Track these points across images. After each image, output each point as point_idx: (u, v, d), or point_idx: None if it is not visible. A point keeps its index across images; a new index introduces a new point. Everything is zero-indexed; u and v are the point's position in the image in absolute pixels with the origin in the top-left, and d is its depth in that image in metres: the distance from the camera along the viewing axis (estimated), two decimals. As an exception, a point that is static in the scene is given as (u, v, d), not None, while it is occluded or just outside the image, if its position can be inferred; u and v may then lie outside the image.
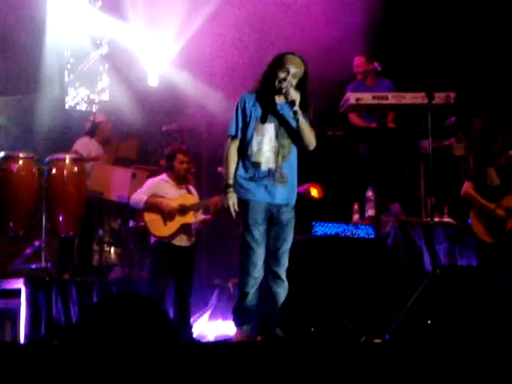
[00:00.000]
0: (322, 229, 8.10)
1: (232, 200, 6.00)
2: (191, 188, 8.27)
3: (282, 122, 6.03)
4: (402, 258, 8.28)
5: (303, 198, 8.86)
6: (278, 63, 6.00)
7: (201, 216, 8.15)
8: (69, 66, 10.72)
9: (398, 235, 8.33)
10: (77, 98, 10.75)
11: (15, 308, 7.61)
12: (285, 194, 6.02)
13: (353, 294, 7.70)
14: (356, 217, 8.67)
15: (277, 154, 5.98)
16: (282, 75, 5.95)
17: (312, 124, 6.13)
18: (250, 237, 5.92)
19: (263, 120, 6.01)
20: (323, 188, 9.15)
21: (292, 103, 5.93)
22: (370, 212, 8.66)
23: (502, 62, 9.94)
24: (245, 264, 5.94)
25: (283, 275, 6.03)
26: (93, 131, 9.36)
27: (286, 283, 6.06)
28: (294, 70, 5.97)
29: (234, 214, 6.00)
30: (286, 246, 6.06)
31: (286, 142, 6.02)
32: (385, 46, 9.91)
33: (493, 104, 9.53)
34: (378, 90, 9.25)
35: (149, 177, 8.78)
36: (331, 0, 9.71)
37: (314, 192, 9.07)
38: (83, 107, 10.79)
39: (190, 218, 7.94)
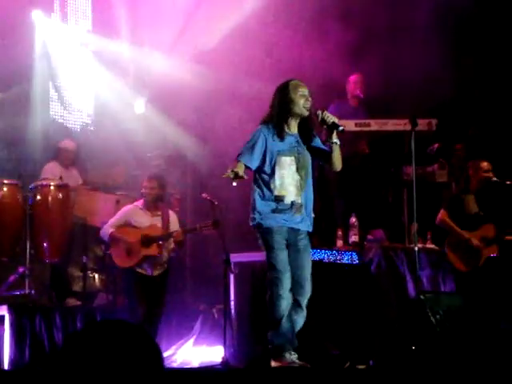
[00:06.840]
0: (306, 255, 8.11)
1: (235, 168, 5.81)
2: (171, 214, 8.26)
3: (301, 154, 6.06)
4: (385, 283, 8.31)
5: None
6: (287, 89, 6.01)
7: (170, 245, 8.12)
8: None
9: (381, 261, 8.37)
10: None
11: (-1, 334, 7.58)
12: (303, 222, 6.05)
13: (337, 319, 7.71)
14: (340, 243, 8.70)
15: (298, 187, 6.01)
16: (297, 98, 5.96)
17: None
18: (278, 260, 5.90)
19: (284, 154, 6.02)
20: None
21: (334, 125, 5.95)
22: (354, 238, 8.69)
23: (484, 89, 10.03)
24: (274, 289, 5.88)
25: (304, 304, 6.01)
26: (56, 155, 9.27)
27: (305, 312, 6.05)
28: (307, 90, 6.02)
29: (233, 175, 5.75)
30: (309, 273, 6.06)
31: (304, 173, 6.04)
32: (367, 71, 9.93)
33: (473, 132, 9.61)
34: (361, 111, 9.34)
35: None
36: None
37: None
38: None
39: (153, 251, 7.93)
